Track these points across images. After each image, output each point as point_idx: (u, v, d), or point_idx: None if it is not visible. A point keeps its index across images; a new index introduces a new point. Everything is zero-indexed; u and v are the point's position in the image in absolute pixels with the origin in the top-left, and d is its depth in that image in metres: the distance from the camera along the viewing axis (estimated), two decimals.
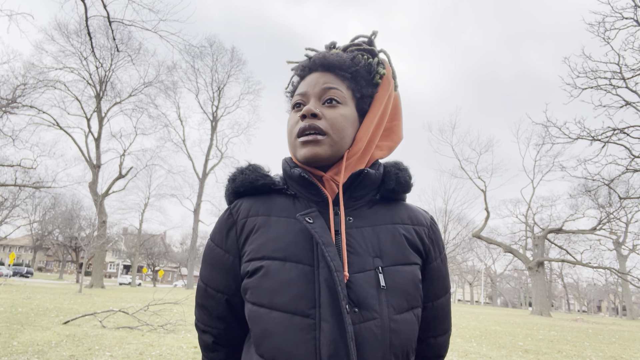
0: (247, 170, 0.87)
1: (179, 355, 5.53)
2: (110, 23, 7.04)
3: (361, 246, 0.76)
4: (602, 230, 26.42)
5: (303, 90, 0.84)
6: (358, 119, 0.85)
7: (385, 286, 0.74)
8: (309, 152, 0.78)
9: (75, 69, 26.16)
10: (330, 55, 0.84)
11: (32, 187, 23.40)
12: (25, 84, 20.77)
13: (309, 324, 0.70)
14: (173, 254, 57.00)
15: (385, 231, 0.80)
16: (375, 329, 0.71)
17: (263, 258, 0.76)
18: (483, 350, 7.78)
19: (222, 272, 0.84)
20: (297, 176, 0.82)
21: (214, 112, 34.70)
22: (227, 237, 0.83)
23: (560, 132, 15.22)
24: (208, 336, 0.88)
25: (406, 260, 0.79)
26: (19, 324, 7.30)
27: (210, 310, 0.86)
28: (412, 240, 0.82)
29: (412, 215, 0.87)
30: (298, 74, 0.88)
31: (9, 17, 7.81)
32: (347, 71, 0.84)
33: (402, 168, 0.87)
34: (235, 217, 0.84)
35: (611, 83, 13.44)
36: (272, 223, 0.80)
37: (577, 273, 53.51)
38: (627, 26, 12.38)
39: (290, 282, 0.73)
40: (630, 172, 13.88)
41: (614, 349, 9.34)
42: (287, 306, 0.72)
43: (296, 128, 0.81)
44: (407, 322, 0.75)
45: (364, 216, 0.81)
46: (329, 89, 0.81)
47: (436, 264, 0.86)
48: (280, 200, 0.84)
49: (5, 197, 33.73)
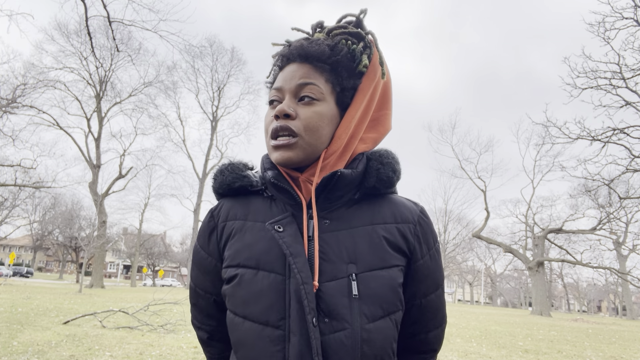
0: (226, 171, 0.85)
1: (179, 355, 5.53)
2: (110, 23, 7.04)
3: (334, 252, 0.73)
4: (602, 230, 26.43)
5: (279, 85, 0.78)
6: (338, 114, 0.79)
7: (358, 294, 0.70)
8: (281, 157, 0.75)
9: (75, 69, 26.17)
10: (309, 44, 0.78)
11: (32, 187, 23.39)
12: (25, 84, 20.77)
13: (278, 335, 0.69)
14: (173, 254, 57.01)
15: (362, 233, 0.76)
16: (345, 340, 0.68)
17: (238, 266, 0.75)
18: (483, 350, 7.78)
19: (207, 274, 0.84)
20: (268, 181, 0.79)
21: (214, 112, 34.68)
22: (209, 241, 0.83)
23: (560, 132, 15.23)
24: (203, 332, 0.91)
25: (384, 264, 0.74)
26: (19, 324, 7.29)
27: (202, 309, 0.88)
28: (393, 241, 0.77)
29: (397, 211, 0.80)
30: (277, 64, 0.83)
31: (9, 17, 7.80)
32: (326, 62, 0.77)
33: (385, 162, 0.81)
34: (216, 220, 0.83)
35: (611, 83, 13.44)
36: (248, 228, 0.78)
37: (577, 273, 53.56)
38: (627, 26, 12.37)
39: (262, 292, 0.72)
40: (630, 172, 13.88)
41: (614, 349, 9.34)
42: (259, 317, 0.71)
43: (270, 127, 0.77)
44: (381, 329, 0.71)
45: (342, 218, 0.77)
46: (305, 84, 0.75)
47: (424, 261, 0.80)
48: (257, 202, 0.82)
49: (5, 197, 33.74)
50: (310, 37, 0.83)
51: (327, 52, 0.77)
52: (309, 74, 0.76)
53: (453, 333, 10.34)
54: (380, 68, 0.81)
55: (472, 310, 29.42)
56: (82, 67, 26.35)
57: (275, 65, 0.83)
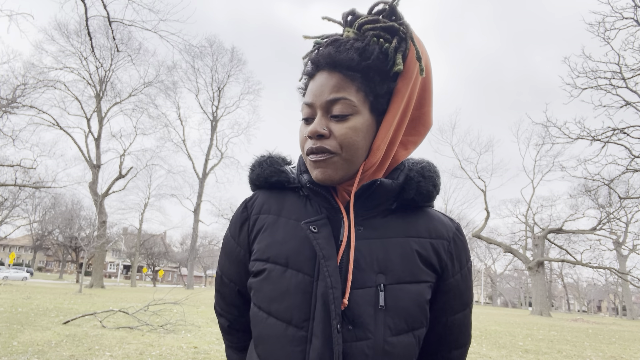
0: (264, 163, 0.84)
1: (179, 355, 5.53)
2: (110, 23, 7.04)
3: (365, 260, 0.72)
4: (602, 230, 26.46)
5: (310, 100, 0.75)
6: (374, 123, 0.75)
7: (385, 306, 0.69)
8: (321, 176, 0.73)
9: (75, 69, 26.21)
10: (337, 51, 0.73)
11: (32, 187, 23.39)
12: (25, 84, 20.80)
13: (301, 336, 0.69)
14: (173, 254, 56.99)
15: (395, 245, 0.74)
16: (367, 350, 0.67)
17: (267, 260, 0.75)
18: (483, 350, 7.78)
19: (234, 264, 0.84)
20: (304, 184, 0.78)
21: (214, 112, 34.70)
22: (240, 231, 0.83)
23: (560, 132, 15.25)
24: (224, 320, 0.92)
25: (414, 279, 0.73)
26: (19, 324, 7.29)
27: (225, 297, 0.89)
28: (426, 256, 0.76)
29: (432, 227, 0.79)
30: (307, 71, 0.78)
31: (9, 17, 7.81)
32: (356, 69, 0.72)
33: (427, 175, 0.79)
34: (249, 211, 0.83)
35: (611, 83, 13.45)
36: (281, 224, 0.78)
37: (577, 273, 53.56)
38: (627, 26, 12.38)
39: (288, 291, 0.71)
40: (630, 172, 13.89)
41: (614, 349, 9.34)
42: (283, 315, 0.71)
43: (306, 147, 0.75)
44: (404, 345, 0.70)
45: (375, 227, 0.76)
46: (335, 100, 0.71)
47: (454, 279, 0.78)
48: (292, 199, 0.81)
49: (5, 197, 33.74)
50: (340, 37, 0.77)
51: (356, 58, 0.71)
52: (339, 85, 0.72)
53: None
54: (417, 64, 0.74)
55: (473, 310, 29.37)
56: (82, 67, 26.43)
57: (305, 72, 0.80)
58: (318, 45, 0.78)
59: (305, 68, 0.79)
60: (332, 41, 0.76)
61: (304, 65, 0.80)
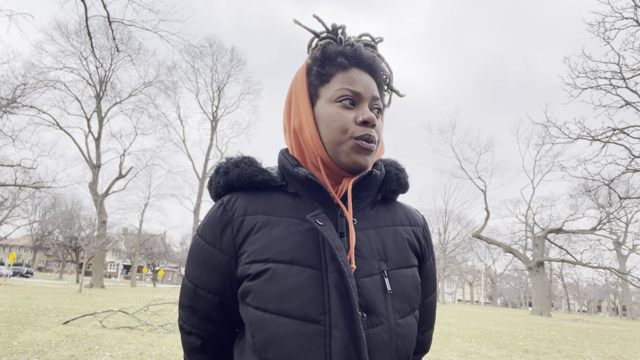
0: (242, 164, 0.81)
1: (179, 355, 5.53)
2: (110, 23, 7.04)
3: (367, 249, 0.76)
4: (602, 230, 26.44)
5: (357, 89, 0.77)
6: None
7: (391, 290, 0.74)
8: (364, 162, 0.77)
9: (75, 69, 26.16)
10: (376, 60, 0.83)
11: (32, 187, 23.38)
12: (25, 84, 20.77)
13: (319, 330, 0.68)
14: (173, 254, 57.00)
15: (387, 233, 0.81)
16: (384, 334, 0.71)
17: (267, 260, 0.72)
18: (483, 350, 7.78)
19: (215, 273, 0.79)
20: (302, 178, 0.77)
21: (214, 112, 34.66)
22: (222, 236, 0.78)
23: (560, 132, 15.26)
24: (195, 338, 0.84)
25: (408, 263, 0.80)
26: (19, 324, 7.30)
27: (199, 312, 0.82)
28: (412, 242, 0.83)
29: (409, 215, 0.88)
30: (339, 61, 0.79)
31: (9, 17, 7.80)
32: (383, 80, 0.85)
33: (401, 168, 0.88)
34: (230, 214, 0.78)
35: (611, 83, 13.45)
36: (275, 223, 0.76)
37: (577, 273, 53.58)
38: (627, 26, 12.38)
39: (299, 287, 0.70)
40: (630, 172, 13.90)
41: (614, 349, 9.34)
42: (296, 312, 0.69)
43: (352, 128, 0.76)
44: (410, 325, 0.76)
45: (367, 218, 0.80)
46: (377, 98, 0.80)
47: (429, 263, 0.88)
48: (280, 198, 0.80)
49: (5, 197, 33.75)
50: (374, 47, 0.86)
51: (386, 71, 0.86)
52: (375, 87, 0.81)
53: (453, 333, 10.34)
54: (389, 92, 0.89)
55: (472, 310, 29.43)
56: (82, 67, 26.37)
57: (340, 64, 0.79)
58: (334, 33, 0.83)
59: (339, 59, 0.79)
60: (370, 47, 0.85)
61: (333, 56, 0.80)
